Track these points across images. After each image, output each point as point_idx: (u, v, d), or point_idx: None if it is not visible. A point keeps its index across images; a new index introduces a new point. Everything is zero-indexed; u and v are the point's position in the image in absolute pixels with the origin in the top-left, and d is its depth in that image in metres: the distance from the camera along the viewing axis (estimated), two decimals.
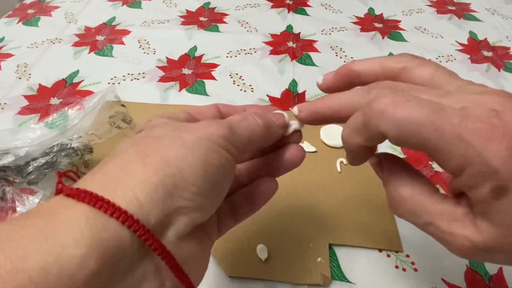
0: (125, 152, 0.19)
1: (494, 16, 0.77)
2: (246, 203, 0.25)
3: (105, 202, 0.16)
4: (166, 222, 0.17)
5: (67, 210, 0.16)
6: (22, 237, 0.14)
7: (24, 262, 0.14)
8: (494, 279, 0.34)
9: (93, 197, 0.16)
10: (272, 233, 0.36)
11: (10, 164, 0.39)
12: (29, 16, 0.72)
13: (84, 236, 0.15)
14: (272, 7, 0.78)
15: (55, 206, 0.16)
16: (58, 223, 0.15)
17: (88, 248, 0.14)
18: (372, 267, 0.35)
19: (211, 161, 0.19)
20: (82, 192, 0.16)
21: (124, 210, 0.16)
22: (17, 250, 0.14)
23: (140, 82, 0.57)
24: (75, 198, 0.16)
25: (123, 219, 0.16)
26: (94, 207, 0.16)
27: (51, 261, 0.14)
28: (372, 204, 0.39)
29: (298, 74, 0.59)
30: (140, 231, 0.16)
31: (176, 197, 0.17)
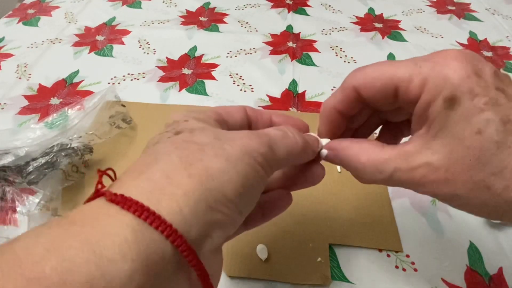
0: (168, 156, 0.18)
1: (494, 16, 0.77)
2: (258, 212, 0.25)
3: (151, 213, 0.15)
4: (204, 236, 0.17)
5: (112, 219, 0.15)
6: (68, 247, 0.14)
7: (71, 275, 0.13)
8: (494, 279, 0.34)
9: (139, 206, 0.15)
10: (272, 233, 0.36)
11: (10, 164, 0.39)
12: (29, 16, 0.72)
13: (131, 250, 0.14)
14: (272, 7, 0.78)
15: (98, 212, 0.16)
16: (104, 233, 0.15)
17: (134, 263, 0.14)
18: (372, 267, 0.35)
19: (249, 178, 0.19)
20: (127, 200, 0.16)
21: (169, 223, 0.15)
22: (63, 262, 0.13)
23: (140, 82, 0.57)
24: (119, 205, 0.16)
25: (168, 233, 0.15)
26: (139, 218, 0.15)
27: (98, 276, 0.13)
28: (372, 204, 0.39)
29: (298, 74, 0.59)
30: (183, 247, 0.16)
31: (215, 211, 0.17)
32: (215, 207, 0.17)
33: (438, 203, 0.40)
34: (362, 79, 0.22)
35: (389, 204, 0.40)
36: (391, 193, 0.41)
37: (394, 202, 0.40)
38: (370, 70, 0.22)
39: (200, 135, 0.20)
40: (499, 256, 0.36)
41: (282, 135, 0.22)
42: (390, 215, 0.39)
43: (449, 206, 0.41)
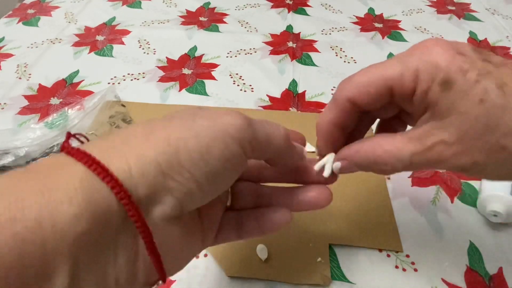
0: (135, 126, 0.19)
1: (494, 16, 0.77)
2: (254, 225, 0.25)
3: (100, 165, 0.16)
4: (154, 199, 0.17)
5: (65, 168, 0.16)
6: (21, 190, 0.15)
7: (21, 213, 0.14)
8: (494, 279, 0.34)
9: (90, 159, 0.16)
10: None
11: (10, 164, 0.39)
12: (29, 16, 0.72)
13: (77, 195, 0.15)
14: (272, 7, 0.78)
15: (54, 163, 0.17)
16: (54, 180, 0.16)
17: (79, 208, 0.15)
18: (372, 267, 0.35)
19: (212, 151, 0.18)
20: (81, 152, 0.17)
21: (115, 177, 0.16)
22: (16, 201, 0.15)
23: (140, 82, 0.57)
24: (74, 157, 0.17)
25: (112, 184, 0.16)
26: (89, 169, 0.16)
27: (46, 215, 0.15)
28: (372, 204, 0.39)
29: (298, 74, 0.59)
30: (125, 200, 0.16)
31: (168, 177, 0.18)
32: (168, 173, 0.17)
33: (438, 203, 0.40)
34: (354, 88, 0.23)
35: (389, 204, 0.40)
36: (391, 193, 0.41)
37: (394, 202, 0.40)
38: (359, 78, 0.23)
39: (180, 112, 0.20)
40: (499, 256, 0.36)
41: (264, 120, 0.22)
42: (390, 215, 0.39)
43: (449, 206, 0.41)
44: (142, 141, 0.18)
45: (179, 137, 0.18)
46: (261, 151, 0.21)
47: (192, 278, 0.34)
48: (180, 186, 0.18)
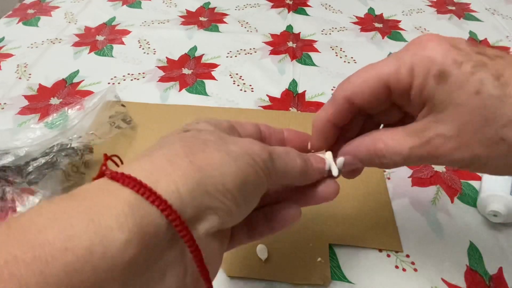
0: (173, 145, 0.20)
1: (494, 16, 0.77)
2: (265, 224, 0.25)
3: (148, 189, 0.16)
4: (199, 217, 0.18)
5: (111, 193, 0.16)
6: (69, 217, 0.15)
7: (72, 242, 0.14)
8: (494, 279, 0.34)
9: (137, 183, 0.16)
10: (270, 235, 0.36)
11: (10, 164, 0.39)
12: (29, 16, 0.72)
13: (127, 221, 0.15)
14: (272, 7, 0.78)
15: (99, 188, 0.17)
16: (103, 206, 0.16)
17: (130, 233, 0.15)
18: (372, 267, 0.35)
19: (249, 175, 0.20)
20: (126, 177, 0.17)
21: (164, 199, 0.16)
22: (65, 229, 0.14)
23: (140, 82, 0.57)
24: (119, 182, 0.17)
25: (163, 207, 0.16)
26: (137, 193, 0.16)
27: (97, 242, 0.14)
28: (372, 204, 0.39)
29: (298, 74, 0.59)
30: (176, 222, 0.16)
31: (212, 197, 0.18)
32: (213, 194, 0.18)
33: (438, 203, 0.40)
34: (351, 87, 0.23)
35: (389, 204, 0.40)
36: (391, 193, 0.41)
37: (394, 202, 0.40)
38: (356, 77, 0.23)
39: (206, 134, 0.21)
40: (499, 256, 0.36)
41: (284, 150, 0.23)
42: (390, 215, 0.39)
43: (449, 206, 0.41)
44: (187, 163, 0.18)
45: (221, 161, 0.19)
46: (278, 181, 0.22)
47: None
48: (222, 205, 0.19)
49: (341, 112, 0.24)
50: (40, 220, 0.15)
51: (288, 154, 0.23)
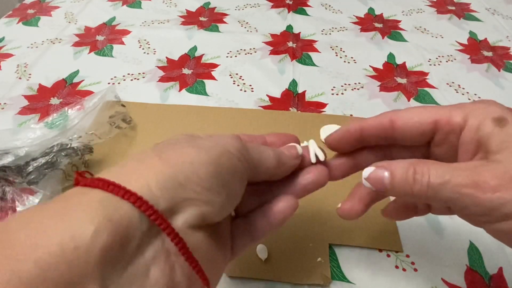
0: (145, 151, 0.20)
1: (494, 16, 0.77)
2: (264, 222, 0.25)
3: (117, 186, 0.17)
4: (176, 209, 0.18)
5: (83, 195, 0.17)
6: (42, 218, 0.16)
7: (43, 239, 0.15)
8: (494, 279, 0.34)
9: (106, 183, 0.17)
10: (272, 233, 0.36)
11: (10, 164, 0.39)
12: (29, 16, 0.72)
13: (97, 214, 0.16)
14: (272, 7, 0.78)
15: (72, 193, 0.17)
16: (73, 205, 0.16)
17: (100, 224, 0.15)
18: (372, 267, 0.35)
19: (223, 162, 0.20)
20: (96, 180, 0.17)
21: (134, 192, 0.17)
22: (36, 229, 0.15)
23: (140, 82, 0.57)
24: (90, 186, 0.17)
25: (133, 199, 0.17)
26: (107, 191, 0.17)
27: (68, 237, 0.15)
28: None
29: (298, 74, 0.59)
30: (149, 211, 0.17)
31: (187, 189, 0.18)
32: (186, 185, 0.18)
33: None
34: (400, 113, 0.24)
35: None
36: None
37: None
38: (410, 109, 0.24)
39: (177, 139, 0.22)
40: (499, 256, 0.36)
41: (255, 144, 0.24)
42: None
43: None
44: (157, 160, 0.19)
45: (191, 153, 0.20)
46: (255, 172, 0.23)
47: None
48: (199, 195, 0.19)
49: (378, 126, 0.24)
50: (13, 224, 0.15)
51: (260, 146, 0.24)
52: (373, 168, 0.23)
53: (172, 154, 0.19)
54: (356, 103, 0.54)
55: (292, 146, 0.26)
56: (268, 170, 0.24)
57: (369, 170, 0.23)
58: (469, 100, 0.55)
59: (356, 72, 0.60)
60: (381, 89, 0.57)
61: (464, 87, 0.58)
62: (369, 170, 0.23)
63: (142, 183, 0.18)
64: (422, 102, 0.54)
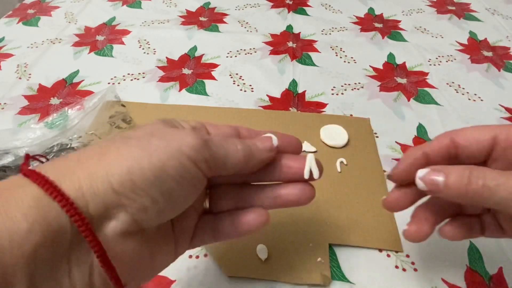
0: (92, 146, 0.20)
1: (494, 16, 0.77)
2: (231, 227, 0.25)
3: (52, 186, 0.17)
4: (107, 215, 0.18)
5: (20, 188, 0.17)
6: None
7: None
8: (494, 279, 0.34)
9: (43, 179, 0.17)
10: (272, 233, 0.36)
11: (10, 164, 0.39)
12: (29, 16, 0.72)
13: (31, 212, 0.16)
14: (272, 7, 0.78)
15: (12, 184, 0.18)
16: (10, 199, 0.17)
17: (33, 223, 0.16)
18: (372, 267, 0.35)
19: (167, 169, 0.19)
20: (36, 173, 0.18)
21: (67, 195, 0.17)
22: None
23: (140, 82, 0.57)
24: (29, 178, 0.18)
25: (63, 203, 0.17)
26: (41, 189, 0.17)
27: (4, 230, 0.16)
28: (372, 204, 0.39)
29: (298, 74, 0.59)
30: (76, 217, 0.17)
31: (120, 195, 0.18)
32: (120, 191, 0.18)
33: None
34: (461, 132, 0.25)
35: None
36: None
37: None
38: (469, 127, 0.25)
39: (139, 131, 0.21)
40: (499, 256, 0.36)
41: (221, 138, 0.23)
42: (390, 215, 0.39)
43: None
44: (95, 161, 0.19)
45: (132, 157, 0.19)
46: (220, 168, 0.22)
47: (192, 278, 0.34)
48: (134, 203, 0.19)
49: (440, 146, 0.25)
50: None
51: (227, 139, 0.23)
52: (428, 169, 0.23)
53: (112, 157, 0.19)
54: (356, 103, 0.54)
55: (267, 138, 0.25)
56: (237, 165, 0.23)
57: (424, 171, 0.24)
58: (469, 100, 0.55)
59: (356, 72, 0.60)
60: (381, 89, 0.57)
61: (464, 87, 0.58)
62: (424, 171, 0.24)
63: (75, 186, 0.18)
64: (422, 102, 0.54)
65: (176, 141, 0.20)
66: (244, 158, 0.23)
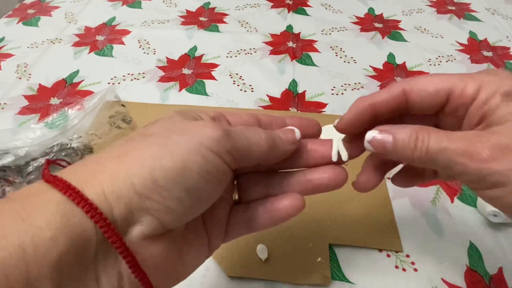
0: (111, 147, 0.20)
1: (494, 16, 0.77)
2: (265, 216, 0.24)
3: (74, 191, 0.17)
4: (131, 220, 0.18)
5: (42, 195, 0.17)
6: (2, 217, 0.16)
7: (4, 240, 0.15)
8: (494, 279, 0.34)
9: (65, 185, 0.17)
10: (272, 233, 0.36)
11: (10, 164, 0.39)
12: (29, 16, 0.72)
13: (55, 220, 0.16)
14: (272, 7, 0.78)
15: (33, 190, 0.17)
16: (33, 207, 0.16)
17: (57, 231, 0.16)
18: (372, 267, 0.35)
19: (190, 166, 0.18)
20: (57, 179, 0.17)
21: (90, 201, 0.17)
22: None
23: (140, 82, 0.57)
24: (51, 184, 0.17)
25: (87, 209, 0.16)
26: (64, 195, 0.17)
27: (27, 240, 0.15)
28: (372, 204, 0.39)
29: (298, 74, 0.59)
30: (101, 223, 0.17)
31: (144, 198, 0.18)
32: (144, 193, 0.18)
33: (438, 203, 0.40)
34: (414, 83, 0.23)
35: (389, 204, 0.40)
36: (391, 193, 0.41)
37: (394, 202, 0.40)
38: (422, 78, 0.23)
39: (155, 127, 0.21)
40: (499, 256, 0.36)
41: (243, 126, 0.22)
42: (390, 215, 0.39)
43: (449, 206, 0.41)
44: (115, 164, 0.18)
45: (153, 156, 0.18)
46: (244, 159, 0.21)
47: (192, 278, 0.34)
48: (158, 205, 0.18)
49: (391, 101, 0.24)
50: None
51: (249, 129, 0.22)
52: (377, 131, 0.22)
53: (132, 157, 0.18)
54: None
55: (290, 130, 0.24)
56: (260, 155, 0.22)
57: (372, 133, 0.23)
58: None
59: (356, 72, 0.60)
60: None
61: None
62: (372, 133, 0.23)
63: (98, 191, 0.17)
64: None
65: (197, 135, 0.19)
66: (268, 147, 0.22)
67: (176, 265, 0.21)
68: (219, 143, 0.19)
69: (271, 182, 0.25)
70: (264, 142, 0.22)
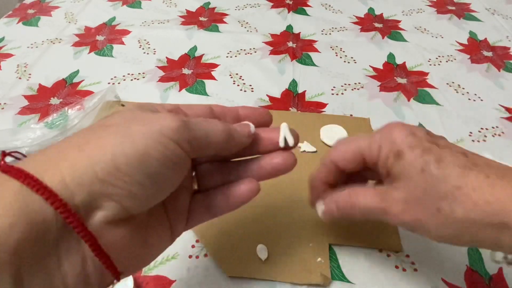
0: (72, 137, 0.20)
1: (494, 16, 0.77)
2: (224, 201, 0.25)
3: (33, 179, 0.17)
4: (93, 206, 0.18)
5: (1, 185, 0.17)
6: None
7: None
8: (494, 279, 0.34)
9: (23, 174, 0.17)
10: (272, 233, 0.36)
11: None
12: (29, 16, 0.72)
13: (12, 208, 0.16)
14: (272, 7, 0.78)
15: None
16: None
17: (15, 218, 0.16)
18: (372, 267, 0.35)
19: (151, 153, 0.19)
20: (15, 169, 0.17)
21: (49, 188, 0.17)
22: None
23: (140, 82, 0.57)
24: (8, 175, 0.17)
25: (46, 196, 0.17)
26: (23, 184, 0.17)
27: None
28: None
29: (298, 74, 0.59)
30: (61, 208, 0.17)
31: (105, 184, 0.18)
32: (105, 179, 0.18)
33: None
34: (336, 154, 0.29)
35: None
36: None
37: None
38: (341, 146, 0.29)
39: (116, 118, 0.21)
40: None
41: (202, 118, 0.24)
42: None
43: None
44: (76, 152, 0.19)
45: (114, 144, 0.19)
46: (202, 148, 0.22)
47: (192, 278, 0.34)
48: (120, 190, 0.18)
49: (329, 172, 0.29)
50: None
51: (207, 120, 0.23)
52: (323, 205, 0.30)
53: (93, 145, 0.19)
54: (356, 103, 0.54)
55: (246, 124, 0.26)
56: (218, 145, 0.23)
57: (321, 207, 0.30)
58: (469, 100, 0.55)
59: (356, 72, 0.60)
60: (381, 89, 0.57)
61: (464, 87, 0.58)
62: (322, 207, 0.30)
63: (57, 178, 0.17)
64: (422, 102, 0.54)
65: (157, 124, 0.20)
66: (225, 138, 0.23)
67: (140, 250, 0.21)
68: (178, 133, 0.20)
69: (228, 170, 0.27)
70: (222, 133, 0.23)
